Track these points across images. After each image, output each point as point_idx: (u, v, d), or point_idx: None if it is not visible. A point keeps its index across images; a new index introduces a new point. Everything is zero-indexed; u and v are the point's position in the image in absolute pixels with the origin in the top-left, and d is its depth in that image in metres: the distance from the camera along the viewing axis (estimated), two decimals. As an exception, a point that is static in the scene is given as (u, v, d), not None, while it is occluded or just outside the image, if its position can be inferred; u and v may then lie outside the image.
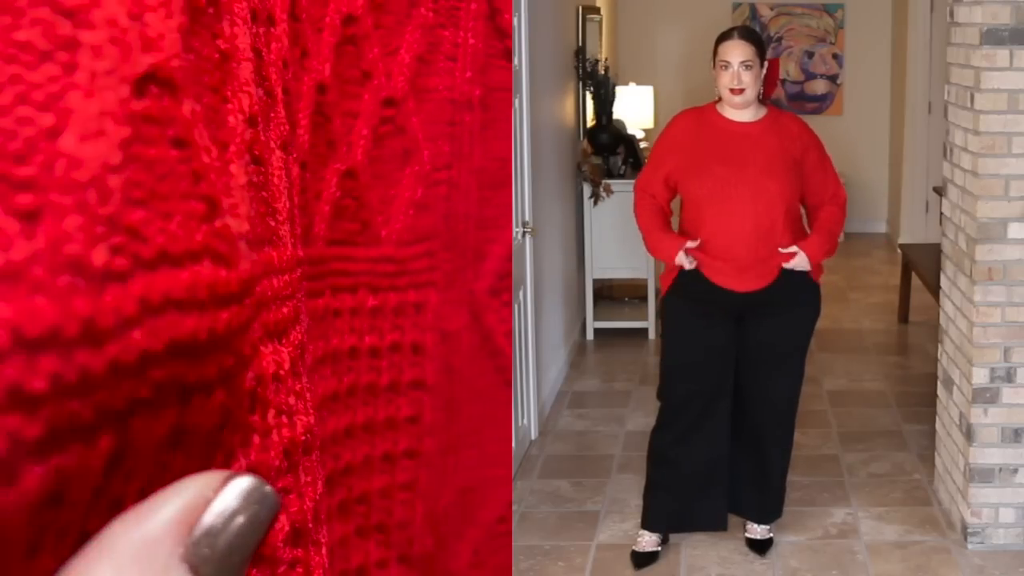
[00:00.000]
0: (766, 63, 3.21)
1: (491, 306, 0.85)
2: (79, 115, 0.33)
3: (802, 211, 3.31)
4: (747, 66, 3.13)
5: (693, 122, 3.24)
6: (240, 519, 0.34)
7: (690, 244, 3.16)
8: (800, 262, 3.16)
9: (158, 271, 0.34)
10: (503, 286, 0.86)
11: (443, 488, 0.80)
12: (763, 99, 3.25)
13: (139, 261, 0.34)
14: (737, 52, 3.14)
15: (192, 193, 0.36)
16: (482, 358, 0.84)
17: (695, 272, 3.18)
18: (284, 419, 0.46)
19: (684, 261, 3.17)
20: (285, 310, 0.47)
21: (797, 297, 3.24)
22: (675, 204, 3.34)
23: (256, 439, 0.43)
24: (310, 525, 0.50)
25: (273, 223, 0.45)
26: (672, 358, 3.32)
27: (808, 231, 3.28)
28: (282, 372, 0.46)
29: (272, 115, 0.46)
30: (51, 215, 0.32)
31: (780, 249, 3.15)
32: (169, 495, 0.34)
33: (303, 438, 0.49)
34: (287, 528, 0.47)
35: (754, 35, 3.24)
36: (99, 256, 0.33)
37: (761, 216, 3.13)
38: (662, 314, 3.38)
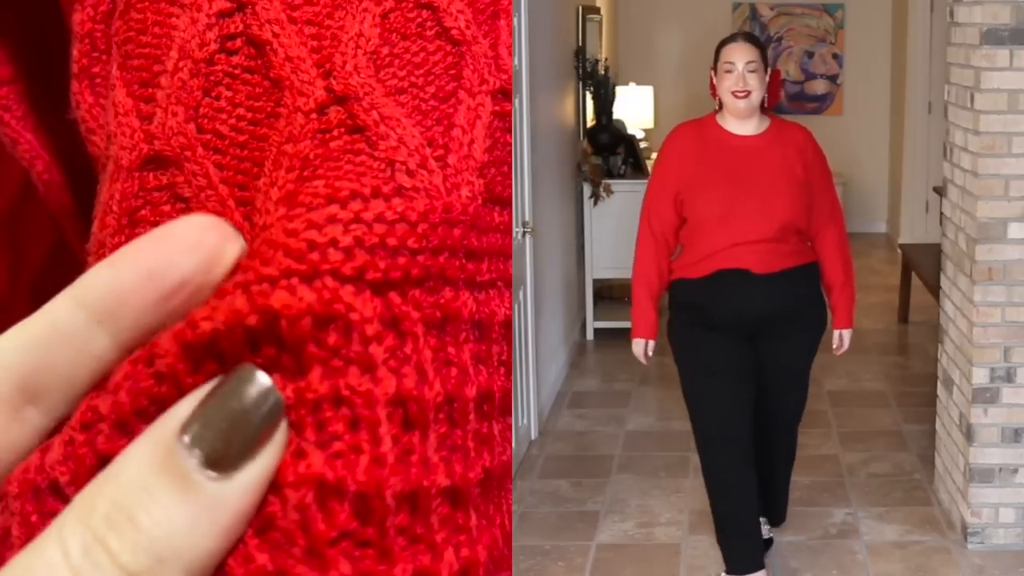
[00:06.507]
0: (769, 70, 3.07)
1: None
2: (464, 104, 0.51)
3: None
4: (752, 69, 2.98)
5: (694, 137, 3.08)
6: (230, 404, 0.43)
7: (650, 350, 3.12)
8: (844, 342, 3.31)
9: (495, 208, 0.51)
10: None
11: None
12: (765, 109, 3.10)
13: (492, 196, 0.51)
14: (742, 54, 2.99)
15: (509, 163, 0.53)
16: None
17: (701, 299, 3.04)
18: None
19: (640, 354, 3.14)
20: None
21: (805, 317, 3.14)
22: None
23: None
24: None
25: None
26: (696, 390, 3.12)
27: (810, 245, 3.14)
28: None
29: None
30: (454, 153, 0.50)
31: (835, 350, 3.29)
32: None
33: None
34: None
35: (758, 40, 3.15)
36: (478, 185, 0.50)
37: (774, 233, 2.99)
38: (673, 348, 3.14)
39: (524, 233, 4.29)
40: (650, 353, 3.14)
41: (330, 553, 0.43)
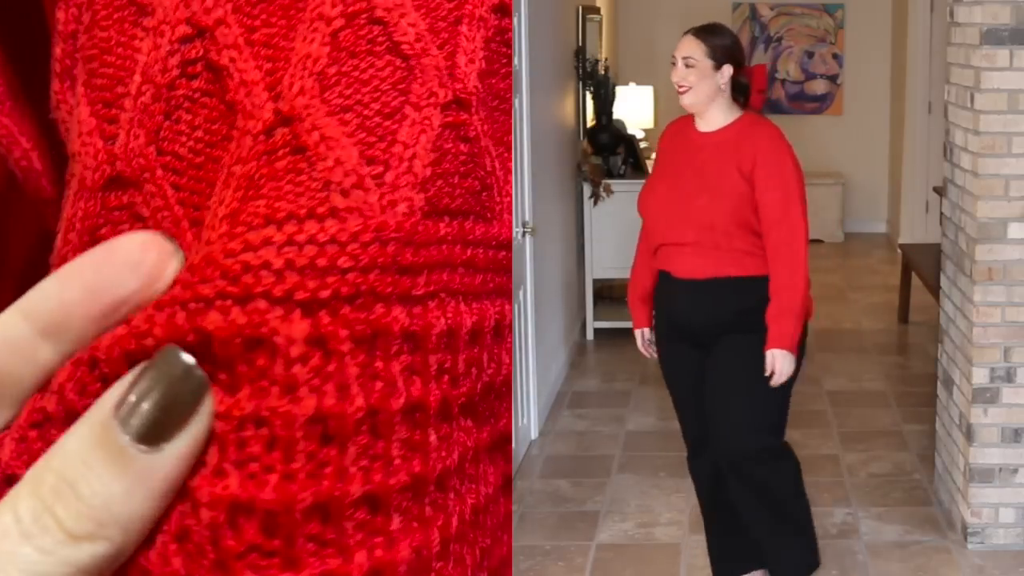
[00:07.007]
0: (727, 66, 2.87)
1: None
2: (409, 119, 0.52)
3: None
4: (689, 64, 2.86)
5: (673, 133, 3.01)
6: (155, 390, 0.48)
7: (647, 337, 3.07)
8: (776, 367, 2.78)
9: (441, 219, 0.52)
10: None
11: None
12: (747, 107, 2.94)
13: (436, 208, 0.52)
14: (682, 48, 2.89)
15: (471, 173, 0.54)
16: None
17: (656, 298, 3.01)
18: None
19: (640, 346, 3.10)
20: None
21: (744, 334, 2.84)
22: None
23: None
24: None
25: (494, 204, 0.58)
26: (670, 391, 3.11)
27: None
28: None
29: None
30: (393, 170, 0.51)
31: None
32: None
33: None
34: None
35: (710, 32, 2.95)
36: (417, 200, 0.51)
37: (694, 237, 2.83)
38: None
39: (524, 233, 4.29)
40: (647, 338, 3.09)
41: (236, 565, 0.47)
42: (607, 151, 5.83)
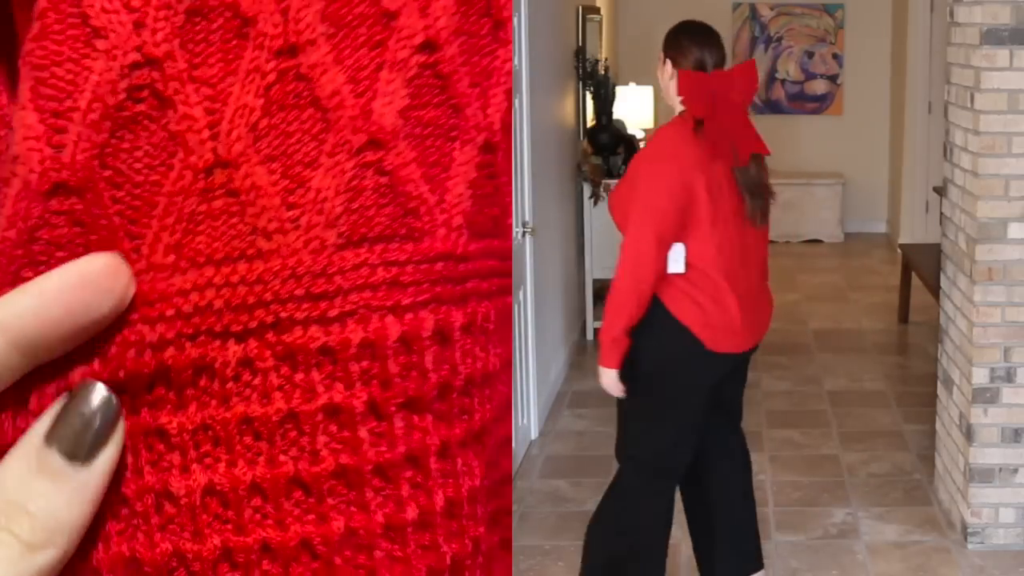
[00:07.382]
0: (667, 62, 2.78)
1: None
2: (323, 167, 0.60)
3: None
4: (659, 56, 2.84)
5: None
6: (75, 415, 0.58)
7: None
8: (602, 382, 2.81)
9: (360, 247, 0.61)
10: None
11: None
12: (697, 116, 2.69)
13: (351, 240, 0.60)
14: None
15: (392, 201, 0.61)
16: None
17: None
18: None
19: None
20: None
21: (634, 332, 2.75)
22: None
23: None
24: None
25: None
26: None
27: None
28: None
29: None
30: (307, 213, 0.60)
31: None
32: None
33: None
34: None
35: (678, 27, 2.88)
36: (329, 237, 0.60)
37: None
38: None
39: (524, 233, 4.29)
40: None
41: (206, 531, 0.60)
42: (607, 151, 5.83)
